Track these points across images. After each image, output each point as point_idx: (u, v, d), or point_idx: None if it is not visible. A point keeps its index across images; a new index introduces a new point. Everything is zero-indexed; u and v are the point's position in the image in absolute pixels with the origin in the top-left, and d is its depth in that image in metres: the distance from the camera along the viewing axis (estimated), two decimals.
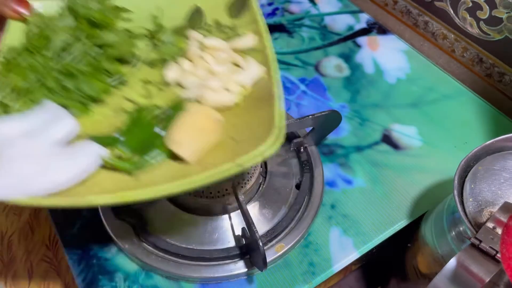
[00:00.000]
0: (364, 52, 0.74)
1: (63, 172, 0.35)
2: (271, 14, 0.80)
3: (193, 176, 0.34)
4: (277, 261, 0.49)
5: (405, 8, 0.78)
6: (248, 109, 0.42)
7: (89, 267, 0.48)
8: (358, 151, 0.60)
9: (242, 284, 0.47)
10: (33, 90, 0.41)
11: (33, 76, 0.41)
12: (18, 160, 0.36)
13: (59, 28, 0.44)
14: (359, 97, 0.67)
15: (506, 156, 0.42)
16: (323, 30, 0.78)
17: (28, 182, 0.34)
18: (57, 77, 0.42)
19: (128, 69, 0.47)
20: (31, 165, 0.35)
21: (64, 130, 0.38)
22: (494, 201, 0.39)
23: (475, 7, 0.66)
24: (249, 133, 0.39)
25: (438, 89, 0.69)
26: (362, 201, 0.54)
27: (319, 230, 0.52)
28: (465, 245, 0.38)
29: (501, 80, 0.67)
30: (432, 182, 0.56)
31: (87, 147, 0.37)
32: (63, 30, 0.44)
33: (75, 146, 0.38)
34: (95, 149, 0.37)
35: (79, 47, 0.44)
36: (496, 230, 0.35)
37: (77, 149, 0.37)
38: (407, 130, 0.63)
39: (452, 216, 0.42)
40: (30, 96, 0.41)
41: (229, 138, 0.40)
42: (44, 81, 0.42)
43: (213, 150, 0.38)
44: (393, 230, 0.52)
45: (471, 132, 0.63)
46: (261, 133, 0.36)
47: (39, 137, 0.37)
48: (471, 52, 0.70)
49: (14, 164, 0.35)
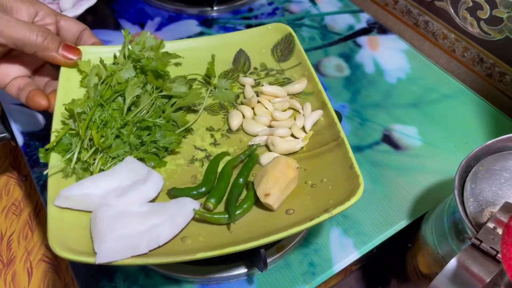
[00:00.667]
0: (365, 52, 0.74)
1: (164, 231, 0.37)
2: (271, 13, 0.80)
3: (294, 228, 0.37)
4: (277, 262, 0.49)
5: (405, 7, 0.78)
6: (312, 153, 0.46)
7: (88, 267, 0.48)
8: (358, 151, 0.60)
9: (242, 285, 0.47)
10: (113, 147, 0.43)
11: (111, 132, 0.43)
12: (119, 222, 0.37)
13: (132, 82, 0.45)
14: (359, 97, 0.67)
15: (506, 156, 0.42)
16: (323, 30, 0.78)
17: (133, 243, 0.35)
18: (134, 132, 0.44)
19: (191, 118, 0.49)
20: (133, 226, 0.37)
21: (156, 188, 0.40)
22: (494, 201, 0.39)
23: (475, 7, 0.66)
24: (324, 178, 0.43)
25: (439, 89, 0.68)
26: (363, 201, 0.54)
27: (319, 230, 0.51)
28: (465, 245, 0.38)
29: (502, 80, 0.67)
30: (433, 182, 0.56)
31: (183, 203, 0.39)
32: (137, 83, 0.45)
33: (172, 204, 0.39)
34: (189, 205, 0.39)
35: (147, 98, 0.46)
36: (497, 230, 0.35)
37: (175, 207, 0.39)
38: (407, 130, 0.63)
39: (452, 216, 0.42)
40: (110, 152, 0.42)
41: (302, 183, 0.43)
42: (122, 136, 0.43)
43: (290, 196, 0.42)
44: (394, 230, 0.52)
45: (471, 132, 0.63)
46: (343, 182, 0.40)
47: (132, 196, 0.39)
48: (472, 52, 0.69)
49: (118, 227, 0.36)
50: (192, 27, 0.77)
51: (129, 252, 0.35)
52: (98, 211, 0.37)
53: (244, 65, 0.55)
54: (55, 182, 0.40)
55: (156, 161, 0.45)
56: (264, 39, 0.56)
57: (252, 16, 0.80)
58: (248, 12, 0.81)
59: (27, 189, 0.75)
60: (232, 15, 0.80)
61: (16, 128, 0.59)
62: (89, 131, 0.42)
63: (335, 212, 0.37)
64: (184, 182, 0.44)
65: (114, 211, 0.38)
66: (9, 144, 0.74)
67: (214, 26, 0.77)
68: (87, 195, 0.38)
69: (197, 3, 0.80)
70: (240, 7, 0.81)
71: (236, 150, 0.47)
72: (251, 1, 0.82)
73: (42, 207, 0.70)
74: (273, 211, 0.41)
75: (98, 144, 0.41)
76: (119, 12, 0.79)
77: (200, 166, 0.46)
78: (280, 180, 0.41)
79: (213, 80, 0.53)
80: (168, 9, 0.80)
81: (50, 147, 0.42)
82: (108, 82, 0.46)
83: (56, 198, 0.38)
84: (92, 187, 0.39)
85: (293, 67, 0.54)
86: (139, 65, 0.48)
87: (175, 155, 0.47)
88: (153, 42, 0.50)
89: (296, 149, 0.46)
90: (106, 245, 0.35)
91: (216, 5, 0.80)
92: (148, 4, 0.81)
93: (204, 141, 0.48)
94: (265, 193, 0.40)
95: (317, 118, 0.48)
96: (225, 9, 0.80)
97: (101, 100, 0.44)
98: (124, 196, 0.39)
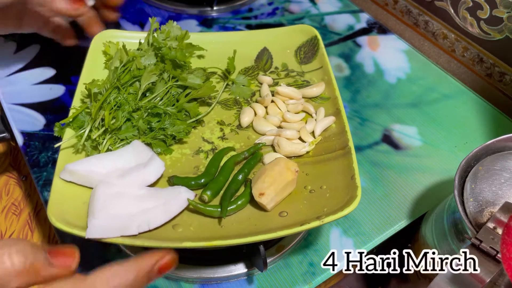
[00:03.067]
0: (364, 51, 0.74)
1: (156, 216, 0.38)
2: (271, 13, 0.80)
3: (285, 230, 0.37)
4: (277, 262, 0.49)
5: (405, 7, 0.78)
6: (318, 159, 0.45)
7: (88, 267, 0.48)
8: (358, 151, 0.60)
9: (242, 285, 0.47)
10: (123, 129, 0.44)
11: (122, 115, 0.44)
12: (115, 201, 0.38)
13: (149, 68, 0.47)
14: (359, 97, 0.67)
15: (506, 156, 0.42)
16: (323, 29, 0.78)
17: (123, 223, 0.36)
18: (145, 117, 0.45)
19: (204, 110, 0.50)
20: (126, 207, 0.38)
21: (156, 173, 0.41)
22: (494, 201, 0.39)
23: (475, 7, 0.66)
24: (324, 185, 0.42)
25: (438, 89, 0.68)
26: (362, 201, 0.54)
27: (319, 230, 0.51)
28: (465, 245, 0.38)
29: (502, 80, 0.67)
30: (433, 182, 0.56)
31: (177, 192, 0.40)
32: (153, 70, 0.47)
33: (167, 191, 0.40)
34: (183, 194, 0.40)
35: (162, 86, 0.47)
36: (497, 230, 0.35)
37: (169, 194, 0.40)
38: (407, 130, 0.63)
39: (452, 216, 0.42)
40: (120, 134, 0.44)
41: (302, 187, 0.43)
42: (133, 120, 0.44)
43: (286, 198, 0.42)
44: (393, 230, 0.52)
45: (471, 132, 0.63)
46: (342, 192, 0.40)
47: (132, 178, 0.40)
48: (472, 51, 0.69)
49: (112, 206, 0.38)
50: (192, 27, 0.77)
51: (119, 231, 0.36)
52: (97, 188, 0.39)
53: (266, 64, 0.55)
54: (65, 156, 0.42)
55: (163, 147, 0.45)
56: (289, 39, 0.55)
57: (252, 16, 0.80)
58: (248, 12, 0.81)
59: (27, 189, 0.75)
60: (232, 15, 0.80)
61: (16, 128, 0.59)
62: (102, 111, 0.44)
63: (326, 221, 0.37)
64: (186, 172, 0.45)
65: (112, 190, 0.39)
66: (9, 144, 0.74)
67: (214, 26, 0.77)
68: (90, 172, 0.40)
69: (197, 3, 0.80)
70: (240, 7, 0.81)
71: (243, 146, 0.48)
72: (251, 1, 0.82)
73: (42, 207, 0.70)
74: (267, 211, 0.41)
75: (108, 124, 0.43)
76: (119, 12, 0.79)
77: (204, 158, 0.46)
78: (276, 181, 0.41)
79: (232, 75, 0.53)
80: (168, 9, 0.80)
81: (66, 122, 0.44)
82: (128, 66, 0.47)
83: (62, 172, 0.40)
84: (96, 164, 0.40)
85: (314, 70, 0.54)
86: (160, 53, 0.49)
87: (182, 144, 0.47)
88: (178, 32, 0.51)
89: (301, 152, 0.46)
90: (97, 222, 0.36)
91: (216, 5, 0.80)
92: (148, 4, 0.81)
93: (213, 134, 0.49)
94: (260, 192, 0.40)
95: (329, 124, 0.47)
96: (225, 9, 0.80)
97: (118, 83, 0.45)
98: (125, 177, 0.40)
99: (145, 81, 0.46)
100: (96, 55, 0.50)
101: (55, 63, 0.67)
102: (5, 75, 0.65)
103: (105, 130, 0.44)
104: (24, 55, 0.68)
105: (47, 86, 0.64)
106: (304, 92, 0.51)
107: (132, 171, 0.41)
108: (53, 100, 0.63)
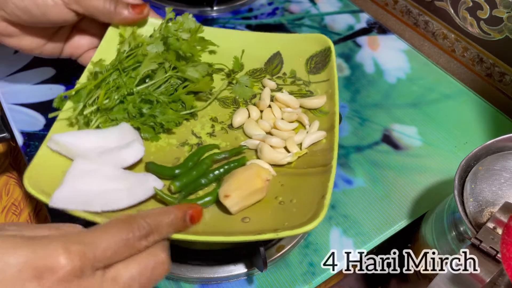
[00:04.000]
0: (364, 52, 0.74)
1: (120, 198, 0.39)
2: (271, 13, 0.80)
3: (238, 236, 0.37)
4: (277, 262, 0.49)
5: (405, 7, 0.78)
6: (298, 171, 0.45)
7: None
8: (358, 151, 0.60)
9: (242, 285, 0.47)
10: (114, 110, 0.45)
11: (117, 97, 0.45)
12: (86, 177, 0.40)
13: (151, 56, 0.48)
14: (359, 97, 0.67)
15: (506, 156, 0.42)
16: (323, 29, 0.78)
17: (87, 199, 0.38)
18: (137, 102, 0.46)
19: (201, 104, 0.50)
20: (94, 184, 0.39)
21: (134, 157, 0.42)
22: (494, 201, 0.39)
23: (475, 7, 0.66)
24: (295, 199, 0.41)
25: (438, 89, 0.68)
26: (362, 201, 0.54)
27: (319, 230, 0.51)
28: (465, 245, 0.38)
29: (502, 80, 0.67)
30: (432, 182, 0.56)
31: (145, 179, 0.41)
32: (154, 58, 0.48)
33: (136, 176, 0.41)
34: (151, 182, 0.40)
35: (162, 75, 0.48)
36: (497, 230, 0.35)
37: (137, 179, 0.41)
38: (407, 130, 0.63)
39: (452, 216, 0.42)
40: (111, 114, 0.45)
41: (273, 196, 0.42)
42: (126, 104, 0.46)
43: (255, 204, 0.42)
44: (393, 230, 0.52)
45: (471, 132, 0.63)
46: (308, 209, 0.39)
47: (109, 158, 0.41)
48: (472, 52, 0.69)
49: (82, 180, 0.39)
50: None
51: (82, 206, 0.37)
52: (74, 161, 0.41)
53: (275, 68, 0.54)
54: (58, 127, 0.44)
55: (150, 134, 0.46)
56: (304, 47, 0.54)
57: (252, 16, 0.80)
58: (248, 12, 0.81)
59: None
60: (232, 15, 0.80)
61: (16, 128, 0.59)
62: (99, 90, 0.45)
63: (281, 235, 0.36)
64: (167, 161, 0.45)
65: (88, 166, 0.40)
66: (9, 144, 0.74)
67: (214, 26, 0.77)
68: (74, 145, 0.42)
69: (197, 3, 0.80)
70: (240, 7, 0.81)
71: (228, 146, 0.47)
72: (251, 1, 0.82)
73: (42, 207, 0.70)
74: (231, 214, 0.40)
75: (100, 103, 0.44)
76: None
77: (188, 150, 0.46)
78: (244, 187, 0.40)
79: (236, 74, 0.53)
80: None
81: (68, 95, 0.46)
82: (135, 52, 0.48)
83: (49, 141, 0.42)
84: (81, 139, 0.42)
85: (320, 81, 0.52)
86: (167, 42, 0.50)
87: (170, 134, 0.48)
88: (192, 25, 0.51)
89: (282, 162, 0.45)
90: (63, 193, 0.38)
91: (216, 5, 0.80)
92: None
93: (203, 129, 0.49)
94: (225, 194, 0.40)
95: (318, 139, 0.46)
96: (225, 9, 0.80)
97: (120, 66, 0.47)
98: (103, 156, 0.41)
99: (144, 67, 0.47)
100: (112, 37, 0.51)
101: (55, 63, 0.67)
102: (5, 75, 0.65)
103: (98, 109, 0.45)
104: (24, 55, 0.68)
105: (47, 86, 0.64)
106: (304, 102, 0.50)
107: (111, 151, 0.42)
108: (53, 100, 0.62)
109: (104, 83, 0.46)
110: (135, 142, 0.43)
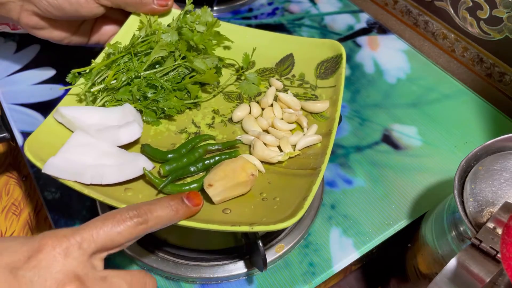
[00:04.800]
0: (364, 52, 0.74)
1: (110, 174, 0.40)
2: (271, 13, 0.80)
3: (215, 224, 0.38)
4: (277, 262, 0.49)
5: (405, 7, 0.78)
6: (288, 171, 0.45)
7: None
8: (358, 151, 0.60)
9: (242, 285, 0.47)
10: (120, 91, 0.47)
11: (124, 78, 0.47)
12: (80, 149, 0.41)
13: (163, 43, 0.49)
14: (359, 97, 0.67)
15: (506, 156, 0.42)
16: (323, 30, 0.78)
17: (78, 170, 0.40)
18: (142, 86, 0.48)
19: (206, 96, 0.52)
20: (89, 157, 0.41)
21: (129, 137, 0.44)
22: (494, 201, 0.39)
23: (475, 7, 0.66)
24: (278, 197, 0.42)
25: (438, 89, 0.68)
26: (362, 201, 0.54)
27: (319, 230, 0.51)
28: (465, 245, 0.38)
29: (501, 80, 0.67)
30: (432, 182, 0.56)
31: (136, 159, 0.42)
32: (166, 46, 0.49)
33: (128, 155, 0.43)
34: (141, 162, 0.42)
35: (171, 63, 0.49)
36: (497, 230, 0.35)
37: (129, 158, 0.42)
38: (407, 130, 0.63)
39: (452, 216, 0.42)
40: (117, 95, 0.47)
41: (258, 192, 0.43)
42: (132, 86, 0.47)
43: (238, 197, 0.42)
44: (393, 230, 0.52)
45: (471, 132, 0.63)
46: (288, 208, 0.39)
47: (108, 134, 0.43)
48: (471, 52, 0.70)
49: (76, 151, 0.41)
50: None
51: (73, 176, 0.39)
52: (74, 133, 0.43)
53: (286, 69, 0.55)
54: (67, 101, 0.47)
55: (152, 117, 0.48)
56: (317, 52, 0.54)
57: (252, 16, 0.80)
58: (248, 12, 0.81)
59: (27, 189, 0.75)
60: (232, 15, 0.80)
61: (16, 128, 0.59)
62: (109, 71, 0.47)
63: (255, 229, 0.37)
64: (163, 146, 0.46)
65: (85, 140, 0.42)
66: (9, 144, 0.74)
67: None
68: (77, 119, 0.43)
69: (197, 3, 0.80)
70: (240, 7, 0.81)
71: (224, 139, 0.48)
72: (251, 1, 0.83)
73: (42, 207, 0.70)
74: (214, 204, 0.41)
75: (107, 83, 0.47)
76: None
77: (185, 138, 0.47)
78: (227, 178, 0.40)
79: (245, 71, 0.54)
80: None
81: (82, 72, 0.48)
82: (150, 39, 0.50)
83: (55, 112, 0.44)
84: (85, 114, 0.44)
85: (326, 87, 0.52)
86: (181, 32, 0.51)
87: (170, 121, 0.49)
88: (209, 19, 0.53)
89: (272, 160, 0.45)
90: (56, 161, 0.39)
91: (216, 5, 0.80)
92: None
93: (203, 120, 0.50)
94: (209, 183, 0.40)
95: (313, 142, 0.46)
96: (225, 9, 0.80)
97: (132, 50, 0.48)
98: (102, 132, 0.43)
99: (154, 53, 0.48)
100: (133, 23, 0.53)
101: (55, 63, 0.67)
102: (5, 75, 0.65)
103: (106, 88, 0.47)
104: (24, 55, 0.68)
105: (47, 86, 0.64)
106: (307, 105, 0.50)
107: (109, 128, 0.43)
108: (53, 100, 0.63)
109: (115, 64, 0.48)
110: (134, 123, 0.44)
